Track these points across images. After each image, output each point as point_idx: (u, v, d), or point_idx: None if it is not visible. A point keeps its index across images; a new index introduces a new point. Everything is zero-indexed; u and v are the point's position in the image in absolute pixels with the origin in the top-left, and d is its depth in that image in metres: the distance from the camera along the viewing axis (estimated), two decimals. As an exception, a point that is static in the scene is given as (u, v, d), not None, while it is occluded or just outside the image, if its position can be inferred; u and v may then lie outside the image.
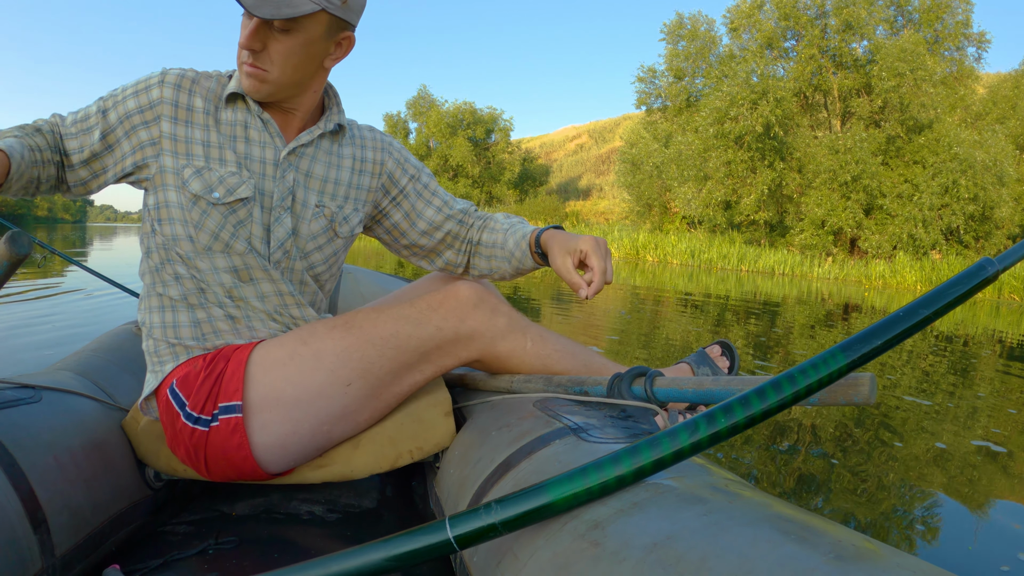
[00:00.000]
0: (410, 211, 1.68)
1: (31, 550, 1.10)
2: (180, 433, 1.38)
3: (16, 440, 1.18)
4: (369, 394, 1.42)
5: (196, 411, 1.36)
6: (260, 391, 1.36)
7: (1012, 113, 26.93)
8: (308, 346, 1.39)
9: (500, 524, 0.78)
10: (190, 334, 1.43)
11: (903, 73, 23.78)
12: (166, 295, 1.43)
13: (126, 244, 22.70)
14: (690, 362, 1.70)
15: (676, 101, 31.29)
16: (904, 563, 0.57)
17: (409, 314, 1.43)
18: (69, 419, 1.35)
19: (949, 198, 22.32)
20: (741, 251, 23.42)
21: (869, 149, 23.76)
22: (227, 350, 1.41)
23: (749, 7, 28.63)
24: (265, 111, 1.43)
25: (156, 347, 1.45)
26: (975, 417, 3.92)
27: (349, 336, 1.39)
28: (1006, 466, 3.05)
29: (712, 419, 0.77)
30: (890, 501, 2.54)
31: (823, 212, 23.72)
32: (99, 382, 1.60)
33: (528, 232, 1.65)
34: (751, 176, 25.49)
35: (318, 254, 1.52)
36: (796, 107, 26.73)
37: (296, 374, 1.37)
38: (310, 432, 1.40)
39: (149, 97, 1.38)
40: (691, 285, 13.83)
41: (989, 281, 0.84)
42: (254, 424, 1.36)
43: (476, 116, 39.34)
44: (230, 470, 1.40)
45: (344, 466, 1.48)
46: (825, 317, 9.31)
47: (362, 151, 1.59)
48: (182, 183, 1.37)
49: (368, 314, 1.44)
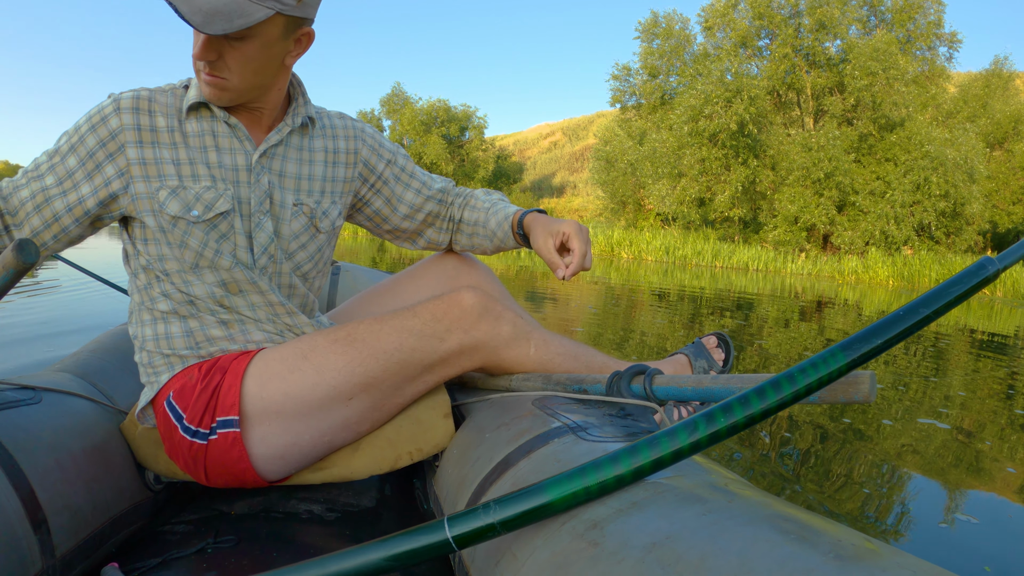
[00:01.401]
0: (390, 196, 1.67)
1: (31, 550, 1.10)
2: (178, 445, 1.37)
3: (17, 441, 1.18)
4: (371, 406, 1.41)
5: (194, 424, 1.35)
6: (259, 405, 1.35)
7: (982, 112, 27.59)
8: (309, 361, 1.36)
9: (499, 524, 0.78)
10: (183, 344, 1.41)
11: (875, 72, 24.13)
12: (156, 309, 1.41)
13: (111, 244, 22.34)
14: (687, 353, 1.70)
15: (651, 99, 31.40)
16: (905, 563, 0.57)
17: (413, 326, 1.39)
18: (69, 421, 1.35)
19: (920, 195, 22.82)
20: (715, 247, 23.66)
21: (842, 147, 24.07)
22: (224, 360, 1.39)
23: (724, 6, 28.84)
24: (231, 115, 1.39)
25: (150, 359, 1.43)
26: (949, 404, 3.91)
27: (352, 350, 1.37)
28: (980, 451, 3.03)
29: (711, 418, 0.77)
30: (884, 491, 2.52)
31: (796, 209, 24.02)
32: (98, 384, 1.59)
33: (511, 213, 1.65)
34: (725, 173, 25.77)
35: (302, 253, 1.49)
36: (770, 105, 27.03)
37: (296, 389, 1.35)
38: (311, 443, 1.39)
39: (108, 128, 1.32)
40: (666, 281, 13.86)
41: (990, 280, 0.84)
42: (253, 437, 1.35)
43: (450, 114, 39.26)
44: (230, 479, 1.40)
45: (344, 468, 1.47)
46: (799, 312, 9.39)
47: (334, 142, 1.55)
48: (158, 207, 1.33)
49: (371, 326, 1.40)
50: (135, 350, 1.47)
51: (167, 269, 1.37)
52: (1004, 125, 27.56)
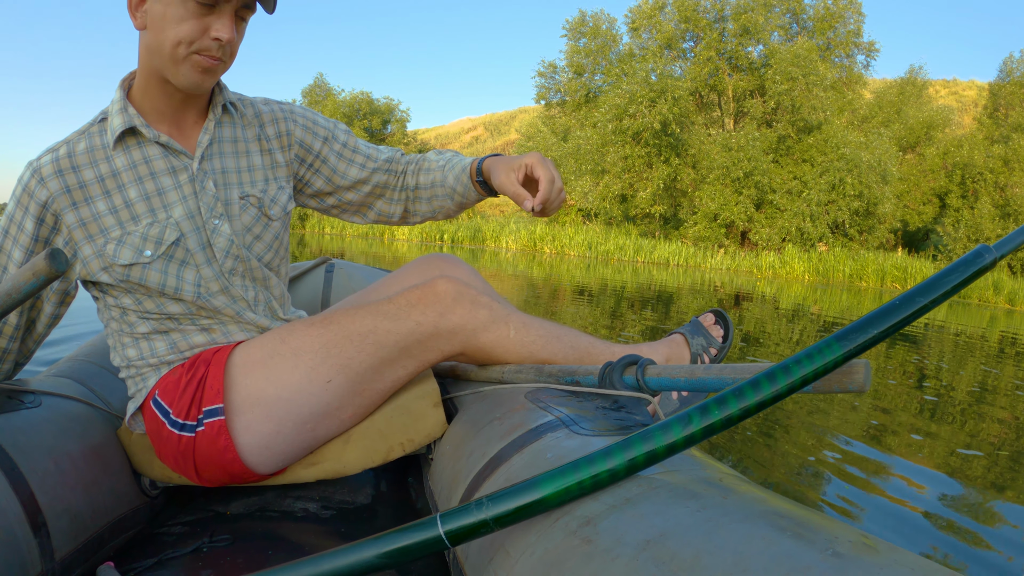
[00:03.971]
0: (331, 175, 1.63)
1: (31, 553, 1.10)
2: (167, 442, 1.37)
3: (17, 444, 1.18)
4: (350, 391, 1.40)
5: (181, 417, 1.35)
6: (241, 392, 1.35)
7: (896, 117, 28.80)
8: (287, 344, 1.38)
9: (492, 520, 0.77)
10: (167, 352, 1.41)
11: (796, 77, 24.79)
12: (136, 332, 1.40)
13: None
14: (684, 332, 1.67)
15: (575, 96, 31.47)
16: (902, 560, 0.56)
17: (388, 310, 1.40)
18: (69, 425, 1.35)
19: (835, 195, 23.69)
20: (637, 243, 24.16)
21: (761, 147, 24.71)
22: (206, 354, 1.40)
23: (651, 8, 29.20)
24: (161, 131, 1.36)
25: (138, 371, 1.43)
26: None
27: (327, 333, 1.38)
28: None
29: (706, 411, 0.76)
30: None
31: (716, 206, 24.61)
32: (95, 388, 1.59)
33: (467, 164, 1.62)
34: (647, 171, 26.20)
35: (259, 244, 1.48)
36: (692, 106, 27.58)
37: (275, 373, 1.36)
38: (294, 430, 1.38)
39: (39, 203, 1.29)
40: (588, 276, 13.91)
41: (987, 268, 0.82)
42: (238, 425, 1.35)
43: (373, 106, 38.68)
44: (221, 474, 1.39)
45: (336, 462, 1.47)
46: (718, 305, 9.59)
47: (263, 128, 1.52)
48: (109, 262, 1.32)
49: (347, 311, 1.42)
50: (120, 371, 1.46)
51: (138, 298, 1.36)
52: (916, 130, 28.77)
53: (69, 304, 1.41)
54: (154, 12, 1.22)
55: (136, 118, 1.31)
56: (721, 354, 1.66)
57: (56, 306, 1.38)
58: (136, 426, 1.46)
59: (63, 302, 1.39)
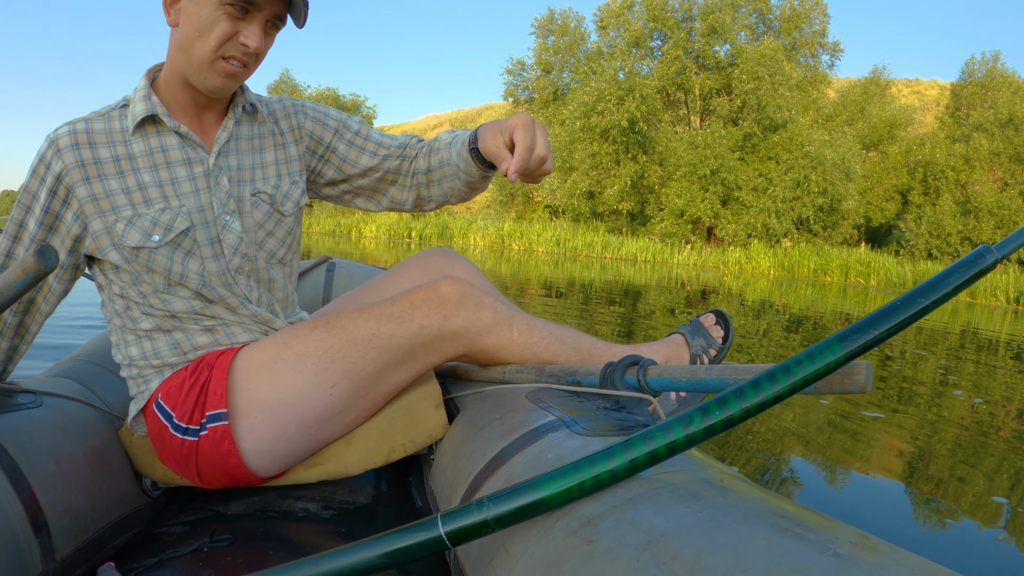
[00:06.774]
0: (341, 164, 1.63)
1: (32, 553, 1.10)
2: (169, 445, 1.37)
3: (18, 444, 1.18)
4: (354, 394, 1.39)
5: (184, 422, 1.34)
6: (245, 396, 1.35)
7: (860, 116, 29.22)
8: (290, 348, 1.37)
9: (492, 520, 0.77)
10: (171, 353, 1.41)
11: (762, 76, 25.06)
12: (139, 329, 1.40)
13: None
14: (684, 332, 1.66)
15: (543, 94, 31.46)
16: (903, 560, 0.56)
17: (391, 313, 1.38)
18: (70, 425, 1.35)
19: (800, 191, 24.01)
20: (604, 239, 24.27)
21: (727, 145, 24.96)
22: (209, 357, 1.39)
23: (619, 7, 29.27)
24: (181, 123, 1.37)
25: (139, 372, 1.43)
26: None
27: (331, 337, 1.37)
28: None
29: (706, 412, 0.75)
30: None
31: (683, 203, 24.84)
32: (96, 389, 1.59)
33: (466, 137, 1.56)
34: (615, 168, 26.36)
35: (271, 240, 1.48)
36: (659, 104, 27.71)
37: (279, 377, 1.36)
38: (297, 435, 1.38)
39: (53, 174, 1.30)
40: (557, 272, 13.93)
41: (988, 269, 0.80)
42: (241, 430, 1.35)
43: (339, 103, 38.40)
44: (223, 477, 1.39)
45: (338, 463, 1.47)
46: (684, 300, 9.71)
47: (276, 124, 1.53)
48: (118, 240, 1.32)
49: (350, 314, 1.40)
50: (121, 368, 1.45)
51: (143, 292, 1.36)
52: (880, 129, 29.21)
53: (70, 284, 1.41)
54: (188, 11, 1.25)
55: (159, 107, 1.33)
56: (721, 355, 1.65)
57: (63, 281, 1.39)
58: (138, 428, 1.46)
59: (72, 276, 1.40)
